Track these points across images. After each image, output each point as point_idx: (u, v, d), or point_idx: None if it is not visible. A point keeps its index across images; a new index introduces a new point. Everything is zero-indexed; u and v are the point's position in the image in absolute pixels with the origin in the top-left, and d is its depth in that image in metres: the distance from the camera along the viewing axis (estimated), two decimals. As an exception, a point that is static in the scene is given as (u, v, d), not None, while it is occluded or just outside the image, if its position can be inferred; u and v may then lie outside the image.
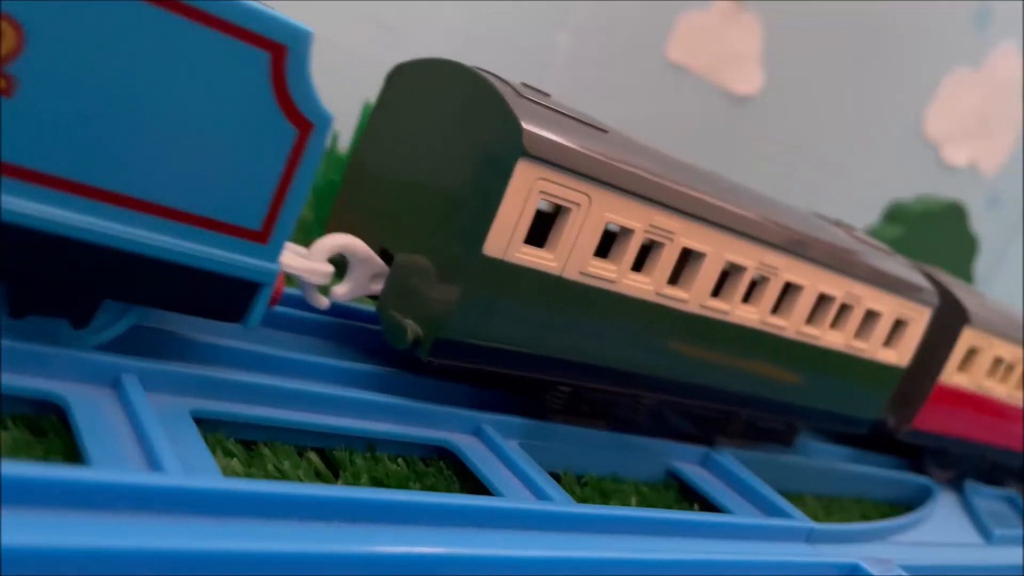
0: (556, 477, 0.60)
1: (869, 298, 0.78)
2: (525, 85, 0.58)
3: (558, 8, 1.59)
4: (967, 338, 0.92)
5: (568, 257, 0.57)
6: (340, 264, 0.58)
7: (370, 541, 0.40)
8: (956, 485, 1.01)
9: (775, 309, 0.72)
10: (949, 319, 0.91)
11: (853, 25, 1.89)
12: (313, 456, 0.50)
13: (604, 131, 0.59)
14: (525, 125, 0.52)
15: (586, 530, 0.51)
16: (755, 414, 0.76)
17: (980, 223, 1.91)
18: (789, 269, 0.70)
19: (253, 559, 0.35)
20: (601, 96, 1.62)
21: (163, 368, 0.45)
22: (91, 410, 0.41)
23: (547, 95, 0.59)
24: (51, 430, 0.41)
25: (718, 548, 0.57)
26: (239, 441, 0.47)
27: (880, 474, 0.91)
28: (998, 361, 0.98)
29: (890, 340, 0.83)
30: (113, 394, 0.43)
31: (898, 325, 0.83)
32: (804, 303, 0.72)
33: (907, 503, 0.92)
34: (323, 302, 0.56)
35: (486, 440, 0.57)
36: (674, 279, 0.64)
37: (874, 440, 0.95)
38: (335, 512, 0.40)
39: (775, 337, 0.72)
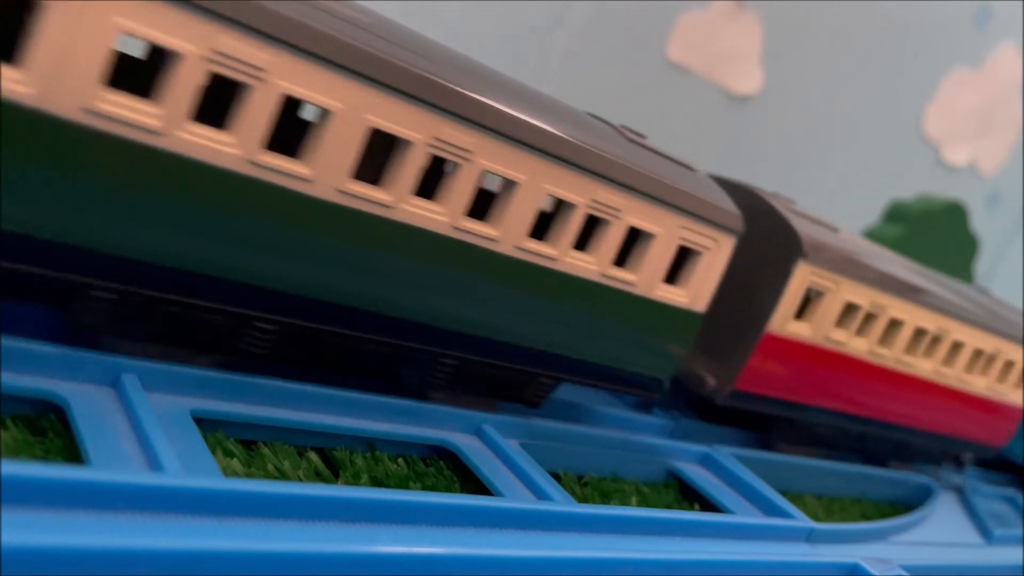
0: (556, 477, 0.60)
1: (633, 211, 0.57)
2: None
3: (557, 8, 1.59)
4: (803, 276, 0.71)
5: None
6: None
7: (370, 541, 0.40)
8: (956, 486, 1.01)
9: (476, 212, 0.52)
10: (781, 251, 0.71)
11: (853, 25, 1.89)
12: (313, 456, 0.50)
13: None
14: None
15: (587, 530, 0.51)
16: (473, 360, 0.57)
17: (980, 223, 1.91)
18: (490, 155, 0.50)
19: (253, 559, 0.35)
20: (601, 96, 1.62)
21: (163, 368, 0.45)
22: (91, 410, 0.41)
23: None
24: (51, 430, 0.41)
25: (718, 548, 0.57)
26: (239, 441, 0.47)
27: (880, 474, 0.91)
28: (851, 308, 0.77)
29: (676, 275, 0.63)
30: (113, 394, 0.43)
31: (687, 256, 0.63)
32: (521, 207, 0.53)
33: (907, 503, 0.92)
34: None
35: (486, 440, 0.57)
36: (284, 147, 0.45)
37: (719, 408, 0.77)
38: (335, 512, 0.40)
39: (482, 251, 0.52)
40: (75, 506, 0.33)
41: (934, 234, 1.50)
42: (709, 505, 0.67)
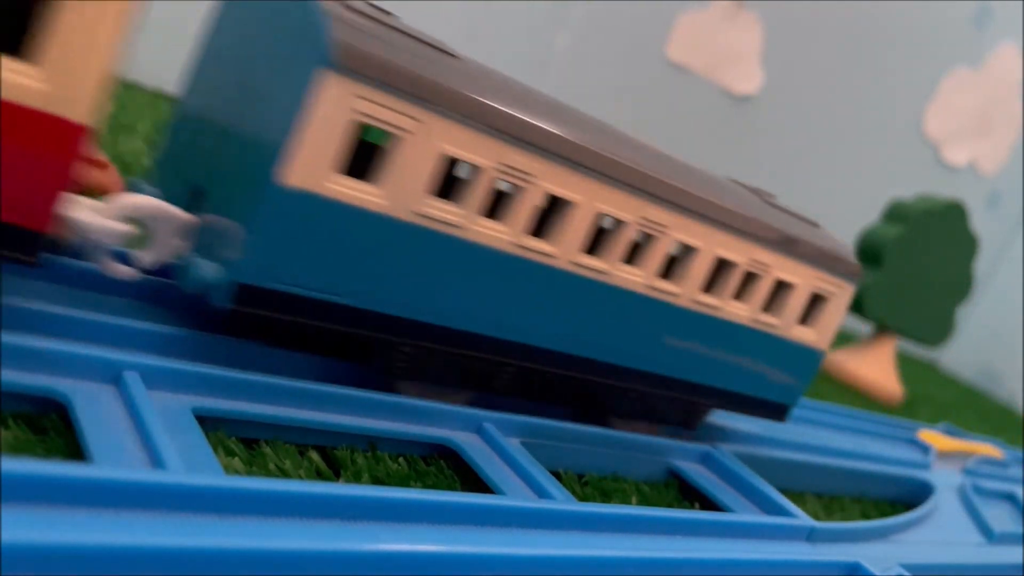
0: (557, 476, 0.60)
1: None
2: None
3: (558, 8, 1.59)
4: None
5: None
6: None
7: (371, 539, 0.40)
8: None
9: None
10: None
11: (853, 25, 1.89)
12: (314, 455, 0.50)
13: None
14: None
15: (587, 529, 0.51)
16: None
17: (980, 223, 1.91)
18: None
19: (254, 557, 0.35)
20: (601, 96, 1.62)
21: (165, 365, 0.45)
22: (93, 407, 0.41)
23: None
24: (52, 428, 0.41)
25: (719, 547, 0.57)
26: (240, 439, 0.47)
27: (881, 473, 0.91)
28: None
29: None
30: (115, 391, 0.43)
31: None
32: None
33: (907, 502, 0.92)
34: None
35: (487, 438, 0.57)
36: None
37: None
38: (336, 510, 0.40)
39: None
40: (77, 504, 0.33)
41: (934, 234, 1.50)
42: (709, 504, 0.67)
